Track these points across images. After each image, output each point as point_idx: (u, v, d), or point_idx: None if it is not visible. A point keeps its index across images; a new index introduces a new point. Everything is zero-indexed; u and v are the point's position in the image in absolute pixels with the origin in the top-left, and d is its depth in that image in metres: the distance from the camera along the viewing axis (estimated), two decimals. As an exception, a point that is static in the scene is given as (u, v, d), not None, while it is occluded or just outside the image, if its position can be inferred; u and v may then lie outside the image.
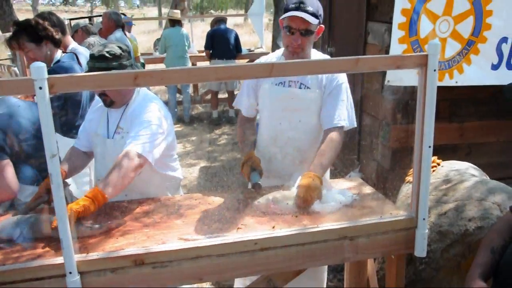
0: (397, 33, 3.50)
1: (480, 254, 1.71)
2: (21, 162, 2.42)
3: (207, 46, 8.09)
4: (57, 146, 1.63)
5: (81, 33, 5.26)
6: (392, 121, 4.20)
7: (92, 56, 2.37)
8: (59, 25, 3.69)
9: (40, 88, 1.54)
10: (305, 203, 2.10)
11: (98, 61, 2.34)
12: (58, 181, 1.63)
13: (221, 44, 7.94)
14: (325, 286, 2.77)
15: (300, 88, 2.49)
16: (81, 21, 5.63)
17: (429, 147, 1.88)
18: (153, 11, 33.61)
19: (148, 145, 2.28)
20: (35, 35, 3.17)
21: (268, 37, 11.42)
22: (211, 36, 8.05)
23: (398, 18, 3.46)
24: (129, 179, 2.18)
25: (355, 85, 4.85)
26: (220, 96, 8.90)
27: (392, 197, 3.01)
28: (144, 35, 20.06)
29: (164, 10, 27.41)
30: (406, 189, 2.92)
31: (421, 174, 1.91)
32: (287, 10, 2.35)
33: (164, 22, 21.04)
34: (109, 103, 2.44)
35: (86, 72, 2.44)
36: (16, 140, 2.38)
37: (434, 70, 1.81)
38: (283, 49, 2.54)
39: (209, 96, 8.86)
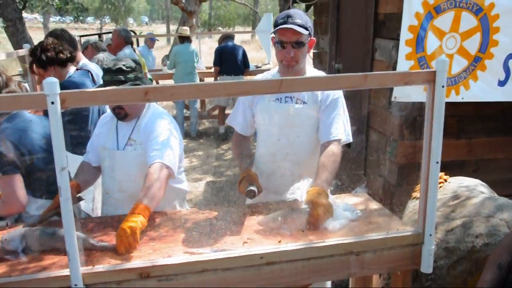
0: (404, 49, 3.52)
1: (487, 271, 1.70)
2: (31, 175, 2.44)
3: (216, 63, 8.14)
4: (67, 160, 1.66)
5: (91, 50, 5.35)
6: (399, 137, 4.20)
7: (108, 70, 2.43)
8: (71, 42, 3.75)
9: (52, 103, 1.57)
10: (319, 221, 2.09)
11: (116, 74, 2.40)
12: (67, 194, 1.65)
13: (229, 60, 8.00)
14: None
15: (297, 103, 2.50)
16: (91, 38, 5.72)
17: (437, 162, 1.88)
18: (161, 28, 34.00)
19: (171, 157, 2.38)
20: (41, 61, 3.27)
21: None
22: (220, 52, 8.11)
23: (405, 34, 3.49)
24: (164, 190, 2.26)
25: (362, 101, 4.87)
26: (227, 111, 8.94)
27: (399, 213, 3.00)
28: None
29: (172, 27, 27.70)
30: (412, 205, 2.91)
31: (428, 190, 1.90)
32: (276, 25, 2.39)
33: (172, 38, 21.26)
34: (123, 116, 2.48)
35: (101, 85, 2.49)
36: (27, 154, 2.41)
37: (442, 86, 1.82)
38: (278, 67, 2.57)
39: (216, 112, 8.91)
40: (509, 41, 3.60)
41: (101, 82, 3.80)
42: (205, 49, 14.15)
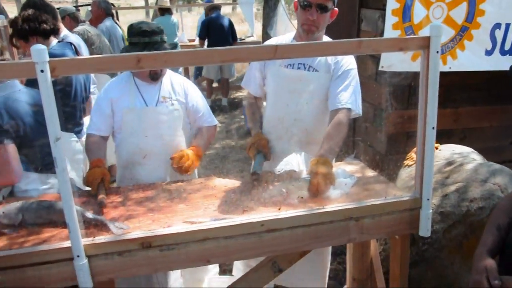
0: (391, 19, 3.50)
1: (486, 232, 1.74)
2: (23, 147, 2.38)
3: (201, 35, 7.95)
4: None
5: (69, 20, 5.09)
6: (386, 107, 4.22)
7: (137, 32, 2.46)
8: (50, 12, 3.61)
9: (42, 71, 1.52)
10: (320, 190, 2.09)
11: (144, 36, 2.46)
12: (63, 165, 1.61)
13: (217, 32, 7.81)
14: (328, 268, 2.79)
15: (308, 70, 2.49)
16: (68, 7, 5.45)
17: (433, 128, 1.90)
18: (138, 1, 33.27)
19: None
20: (23, 32, 3.13)
21: (257, 26, 11.37)
22: (207, 24, 7.90)
23: (392, 4, 3.47)
24: None
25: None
26: (214, 85, 8.86)
27: (390, 182, 3.03)
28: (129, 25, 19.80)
29: (151, 0, 27.14)
30: (405, 173, 2.94)
31: (424, 155, 1.92)
32: None
33: (151, 11, 20.82)
34: (159, 76, 2.57)
35: (126, 48, 2.57)
36: (20, 125, 2.34)
37: (437, 52, 1.83)
38: (294, 33, 2.56)
39: (203, 84, 8.79)
40: (496, 10, 3.60)
41: (84, 54, 3.73)
42: (187, 23, 13.90)
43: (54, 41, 3.35)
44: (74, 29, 4.74)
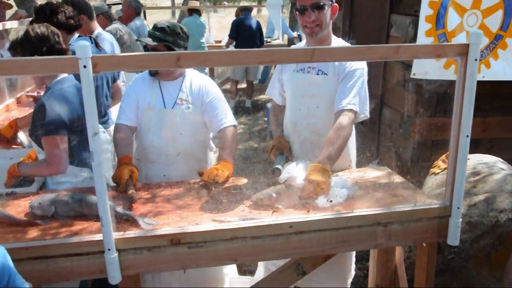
0: (424, 25, 3.47)
1: None
2: (70, 140, 2.44)
3: (232, 35, 8.00)
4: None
5: (102, 19, 5.13)
6: (414, 114, 4.19)
7: (154, 26, 2.57)
8: (87, 9, 3.68)
9: (84, 66, 1.56)
10: (310, 198, 2.07)
11: (157, 31, 2.53)
12: (99, 159, 1.65)
13: (246, 34, 7.87)
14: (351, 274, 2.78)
15: (318, 74, 2.50)
16: (102, 6, 5.51)
17: (467, 136, 1.89)
18: (165, 2, 33.59)
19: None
20: (50, 23, 3.06)
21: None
22: (237, 25, 7.96)
23: (425, 10, 3.44)
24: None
25: (376, 78, 4.83)
26: (239, 86, 8.88)
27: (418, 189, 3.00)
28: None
29: (177, 1, 27.37)
30: (431, 181, 2.91)
31: (457, 163, 1.91)
32: None
33: (177, 11, 20.99)
34: (154, 72, 2.59)
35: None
36: (71, 119, 2.40)
37: (475, 60, 1.81)
38: (305, 40, 2.57)
39: (227, 86, 8.84)
40: (531, 19, 3.55)
41: (116, 52, 3.79)
42: (212, 24, 13.99)
43: (75, 35, 3.39)
44: (107, 28, 4.80)
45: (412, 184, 2.36)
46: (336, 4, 2.45)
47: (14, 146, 3.12)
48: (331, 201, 2.05)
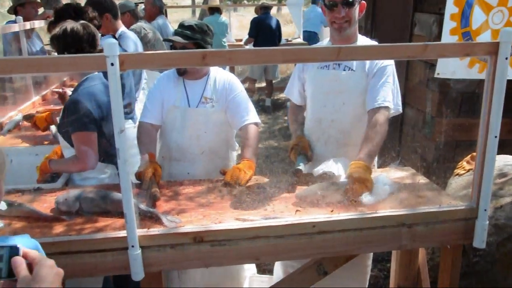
0: (449, 24, 3.41)
1: None
2: (99, 137, 2.47)
3: (251, 34, 8.02)
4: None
5: (129, 17, 5.10)
6: (437, 114, 4.13)
7: (181, 25, 2.58)
8: (112, 8, 3.71)
9: (112, 64, 1.57)
10: (356, 196, 2.06)
11: (186, 29, 2.54)
12: (125, 156, 1.66)
13: (265, 32, 7.88)
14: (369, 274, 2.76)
15: (344, 70, 2.48)
16: (129, 3, 5.50)
17: (495, 137, 1.85)
18: (186, 0, 33.77)
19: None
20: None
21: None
22: (256, 24, 7.98)
23: (450, 8, 3.39)
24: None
25: (398, 77, 4.78)
26: (258, 85, 8.88)
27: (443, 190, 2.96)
28: (177, 24, 20.12)
29: (197, 0, 27.48)
30: (455, 182, 2.87)
31: (485, 164, 1.87)
32: None
33: (197, 10, 21.06)
34: (183, 71, 2.59)
35: (167, 38, 2.64)
36: (102, 116, 2.43)
37: (506, 58, 1.77)
38: (328, 38, 2.56)
39: (245, 85, 8.85)
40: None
41: (139, 50, 3.82)
42: (233, 22, 14.00)
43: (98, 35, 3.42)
44: (132, 26, 4.82)
45: (436, 185, 2.32)
46: (364, 2, 2.43)
47: (46, 143, 3.20)
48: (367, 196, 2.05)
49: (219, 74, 2.68)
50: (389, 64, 2.44)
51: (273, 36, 7.90)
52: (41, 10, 5.90)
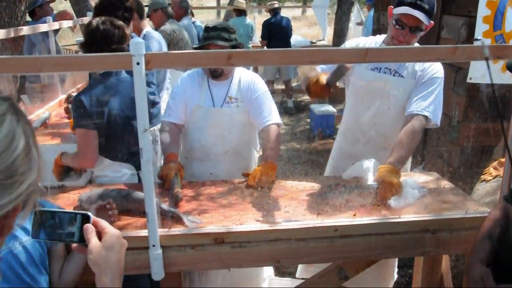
0: (481, 26, 3.34)
1: (478, 242, 1.64)
2: (111, 137, 2.49)
3: (264, 37, 8.09)
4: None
5: (160, 15, 5.06)
6: (463, 119, 4.06)
7: (215, 28, 2.51)
8: (138, 8, 3.76)
9: (138, 63, 1.58)
10: (385, 200, 2.05)
11: (222, 31, 2.50)
12: (148, 156, 1.66)
13: (278, 34, 7.99)
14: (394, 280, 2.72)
15: (394, 75, 2.46)
16: (162, 1, 5.48)
17: (526, 142, 1.80)
18: (211, 2, 33.95)
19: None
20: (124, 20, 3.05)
21: (328, 30, 11.27)
22: (267, 26, 8.07)
23: (483, 11, 3.30)
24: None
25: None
26: (277, 86, 8.88)
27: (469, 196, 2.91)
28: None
29: (223, 1, 27.61)
30: (481, 188, 2.81)
31: (513, 170, 1.83)
32: (402, 2, 2.28)
33: (222, 12, 21.13)
34: (219, 74, 2.58)
35: (202, 41, 2.57)
36: (109, 113, 2.45)
37: (539, 62, 1.72)
38: (384, 37, 2.52)
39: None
40: None
41: (164, 50, 3.83)
42: (256, 24, 14.03)
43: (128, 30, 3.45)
44: (162, 27, 4.81)
45: (462, 191, 2.27)
46: (432, 22, 2.35)
47: None
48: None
49: (243, 74, 2.67)
50: (440, 77, 2.42)
51: (285, 36, 7.99)
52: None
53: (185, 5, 6.00)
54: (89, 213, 1.15)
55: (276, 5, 8.34)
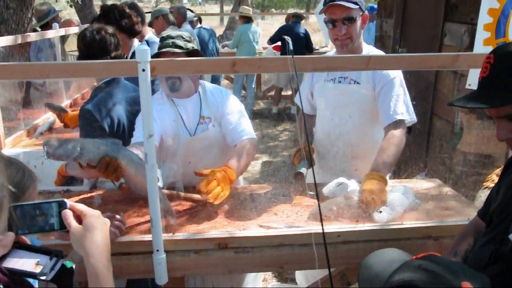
0: (482, 34, 3.35)
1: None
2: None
3: (273, 38, 8.05)
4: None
5: (162, 21, 5.18)
6: (466, 126, 4.07)
7: (169, 37, 2.42)
8: (140, 15, 3.79)
9: (143, 70, 1.60)
10: (368, 208, 1.99)
11: (177, 40, 2.39)
12: (153, 161, 1.68)
13: (293, 41, 7.93)
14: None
15: (349, 83, 2.47)
16: (164, 8, 5.58)
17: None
18: (214, 9, 34.07)
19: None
20: (118, 27, 3.13)
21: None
22: (283, 30, 8.05)
23: (484, 18, 3.32)
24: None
25: (427, 87, 4.73)
26: (284, 93, 8.90)
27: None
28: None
29: (226, 8, 27.72)
30: (484, 195, 2.81)
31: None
32: (325, 3, 2.37)
33: (225, 19, 21.19)
34: (177, 86, 2.39)
35: (156, 53, 2.42)
36: (111, 120, 2.47)
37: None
38: (335, 49, 2.57)
39: (272, 92, 8.88)
40: None
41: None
42: (260, 30, 14.08)
43: (136, 41, 3.49)
44: (163, 33, 4.86)
45: (465, 198, 2.28)
46: (366, 13, 2.43)
47: None
48: (380, 212, 1.97)
49: (208, 88, 2.55)
50: (396, 76, 2.40)
51: (299, 45, 7.90)
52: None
53: (183, 11, 6.13)
54: (64, 199, 1.16)
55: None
